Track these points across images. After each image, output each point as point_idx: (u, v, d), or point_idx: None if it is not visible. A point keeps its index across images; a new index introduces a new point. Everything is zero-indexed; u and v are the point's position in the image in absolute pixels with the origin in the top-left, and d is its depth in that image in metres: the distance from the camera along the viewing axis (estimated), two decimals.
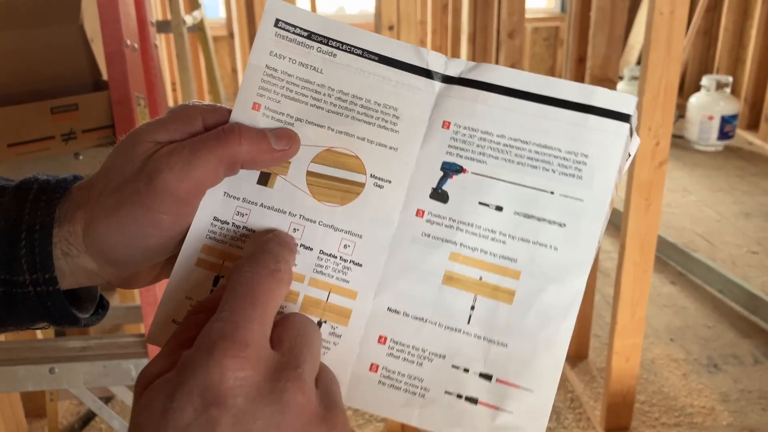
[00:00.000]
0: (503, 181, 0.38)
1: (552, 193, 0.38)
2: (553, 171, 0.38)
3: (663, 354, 2.11)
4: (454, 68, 0.40)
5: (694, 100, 4.00)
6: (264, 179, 0.39)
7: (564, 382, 1.98)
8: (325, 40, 0.39)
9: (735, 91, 4.16)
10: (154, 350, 0.98)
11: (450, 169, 0.39)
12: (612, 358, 1.66)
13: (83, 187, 0.38)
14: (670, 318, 2.31)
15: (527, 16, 2.31)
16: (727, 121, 3.90)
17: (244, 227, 0.38)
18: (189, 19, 2.17)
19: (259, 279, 0.32)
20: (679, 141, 4.00)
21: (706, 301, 2.41)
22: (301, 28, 0.40)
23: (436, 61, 0.40)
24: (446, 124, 0.39)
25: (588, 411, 1.84)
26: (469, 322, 0.37)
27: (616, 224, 2.90)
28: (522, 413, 0.36)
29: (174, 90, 3.51)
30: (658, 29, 1.40)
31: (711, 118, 3.90)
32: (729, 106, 3.90)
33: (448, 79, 0.40)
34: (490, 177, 0.38)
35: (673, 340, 2.19)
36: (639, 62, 4.59)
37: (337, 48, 0.39)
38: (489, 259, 0.37)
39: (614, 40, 1.72)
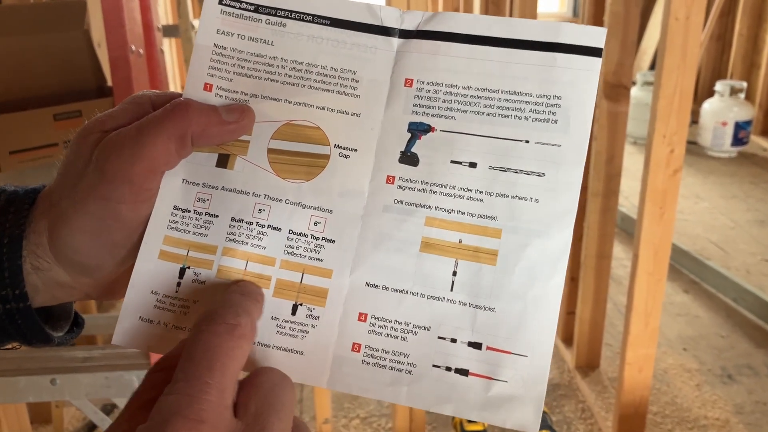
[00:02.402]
0: (474, 135, 0.36)
1: (527, 141, 0.36)
2: (526, 118, 0.36)
3: (676, 364, 2.08)
4: (411, 21, 0.38)
5: (708, 105, 3.96)
6: (223, 161, 0.37)
7: (575, 391, 1.95)
8: (273, 11, 0.38)
9: (749, 97, 4.12)
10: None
11: (417, 130, 0.37)
12: (624, 369, 1.63)
13: (45, 194, 0.36)
14: (682, 327, 2.28)
15: (539, 19, 2.28)
16: (741, 127, 3.86)
17: (206, 213, 0.36)
18: (197, 24, 2.17)
19: (217, 340, 0.29)
20: (692, 147, 3.97)
21: (719, 310, 2.37)
22: (246, 3, 0.38)
23: (390, 17, 0.38)
24: (408, 82, 0.37)
25: (600, 422, 1.81)
26: (452, 289, 0.35)
27: (629, 232, 2.88)
28: (518, 381, 0.34)
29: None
30: (673, 35, 1.38)
31: (725, 124, 3.86)
32: (743, 111, 3.86)
33: (405, 34, 0.38)
34: (461, 132, 0.36)
35: (686, 349, 2.15)
36: (652, 67, 4.56)
37: (286, 17, 0.38)
38: (467, 219, 0.36)
39: (628, 45, 1.69)
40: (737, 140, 3.90)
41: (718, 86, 3.95)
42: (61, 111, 0.93)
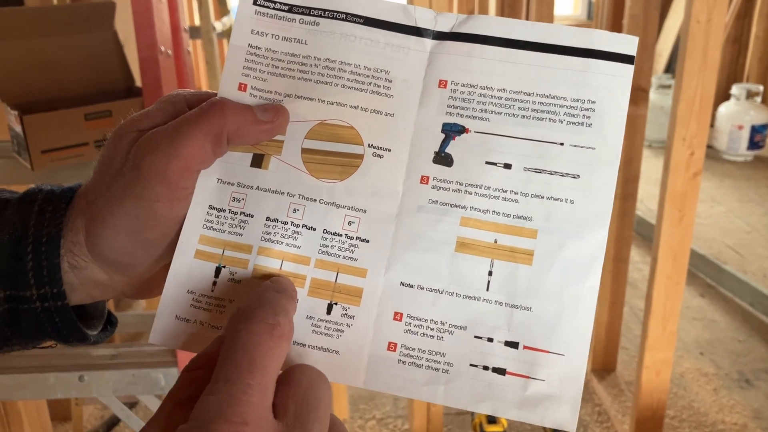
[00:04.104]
0: (509, 137, 0.37)
1: (561, 144, 0.36)
2: (561, 121, 0.36)
3: (693, 368, 2.07)
4: (445, 23, 0.38)
5: (724, 109, 3.94)
6: (257, 161, 0.37)
7: (591, 395, 1.95)
8: (307, 10, 0.38)
9: (765, 100, 4.10)
10: (183, 360, 0.97)
11: (451, 130, 0.37)
12: (642, 373, 1.62)
13: (82, 193, 0.36)
14: (699, 331, 2.26)
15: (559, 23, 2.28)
16: (757, 131, 3.84)
17: (241, 213, 0.37)
18: (218, 26, 2.18)
19: (257, 339, 0.29)
20: (707, 150, 3.92)
21: (736, 315, 2.36)
22: (281, 2, 0.38)
23: (425, 18, 0.38)
24: (443, 83, 0.37)
25: (616, 425, 1.81)
26: (488, 289, 0.35)
27: (645, 235, 2.87)
28: (555, 380, 0.34)
29: None
30: (694, 37, 1.37)
31: (741, 127, 3.84)
32: (759, 115, 3.84)
33: (439, 36, 0.38)
34: (495, 134, 0.37)
35: (703, 353, 2.14)
36: (666, 70, 4.54)
37: (320, 16, 0.38)
38: (502, 220, 0.36)
39: (646, 48, 1.69)
40: (753, 144, 3.87)
41: (734, 89, 3.93)
42: (92, 111, 0.94)
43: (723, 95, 4.27)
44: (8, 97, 0.99)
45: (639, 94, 1.76)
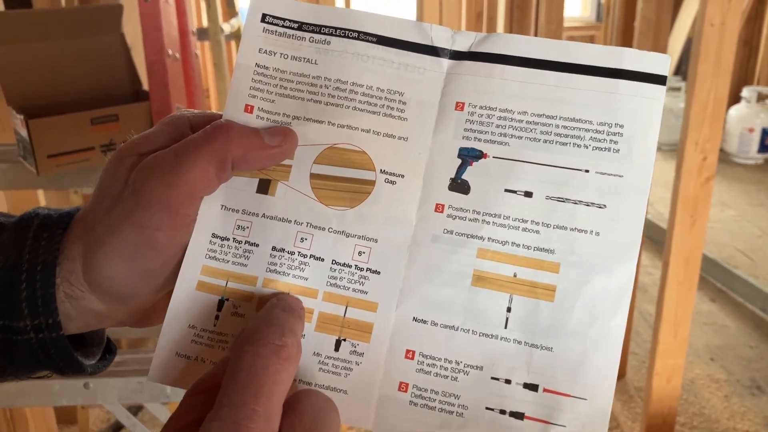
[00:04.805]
0: (530, 162, 0.34)
1: (587, 171, 0.34)
2: (586, 146, 0.34)
3: (703, 374, 2.05)
4: (463, 42, 0.36)
5: (734, 111, 3.91)
6: (264, 187, 0.35)
7: None
8: (317, 28, 0.36)
9: None
10: None
11: (468, 156, 0.35)
12: (652, 379, 1.61)
13: (80, 218, 0.34)
14: (710, 337, 2.24)
15: (568, 23, 2.27)
16: None
17: (246, 242, 0.35)
18: (227, 27, 2.17)
19: (263, 362, 0.27)
20: None
21: (747, 320, 2.34)
22: (290, 20, 0.36)
23: (441, 36, 0.36)
24: (460, 106, 0.35)
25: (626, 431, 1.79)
26: (506, 327, 0.33)
27: (656, 240, 2.85)
28: (576, 426, 0.32)
29: (207, 97, 3.52)
30: (707, 41, 1.36)
31: (751, 130, 3.81)
32: None
33: (457, 55, 0.36)
34: (515, 160, 0.34)
35: (714, 359, 2.12)
36: (676, 72, 4.51)
37: (330, 34, 0.36)
38: (522, 252, 0.34)
39: (659, 51, 1.67)
40: (764, 147, 3.85)
41: (745, 92, 3.91)
42: (98, 115, 0.93)
43: (733, 98, 4.24)
44: (14, 100, 0.98)
45: None
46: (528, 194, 0.34)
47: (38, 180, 0.98)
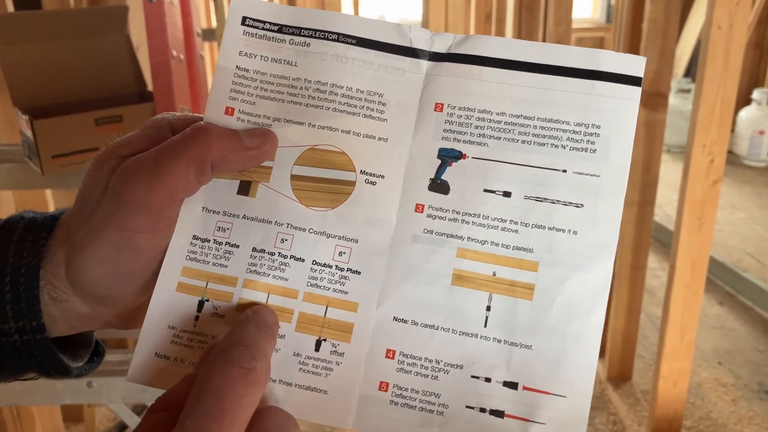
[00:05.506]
0: (508, 163, 0.35)
1: (564, 171, 0.34)
2: (563, 147, 0.34)
3: (711, 378, 2.03)
4: (442, 43, 0.36)
5: (744, 114, 3.89)
6: (245, 189, 0.35)
7: (607, 404, 1.92)
8: (297, 31, 0.36)
9: None
10: None
11: (448, 156, 0.35)
12: (659, 382, 1.60)
13: (63, 222, 0.35)
14: (718, 340, 2.23)
15: (574, 28, 2.26)
16: None
17: (226, 243, 0.35)
18: None
19: (230, 386, 0.27)
20: (727, 156, 3.89)
21: (756, 324, 2.32)
22: (270, 23, 0.36)
23: (420, 38, 0.36)
24: (439, 107, 0.36)
25: None
26: (486, 325, 0.33)
27: (663, 241, 2.83)
28: (556, 423, 0.32)
29: None
30: (715, 43, 1.35)
31: (762, 132, 3.79)
32: None
33: (436, 57, 0.36)
34: (494, 160, 0.35)
35: (722, 363, 2.11)
36: (686, 74, 4.49)
37: (310, 36, 0.36)
38: (501, 251, 0.34)
39: (666, 54, 1.66)
40: None
41: (755, 94, 3.88)
42: (103, 116, 0.94)
43: (744, 100, 4.21)
44: (19, 101, 0.99)
45: (658, 100, 1.73)
46: (507, 194, 0.35)
47: (43, 180, 0.99)
